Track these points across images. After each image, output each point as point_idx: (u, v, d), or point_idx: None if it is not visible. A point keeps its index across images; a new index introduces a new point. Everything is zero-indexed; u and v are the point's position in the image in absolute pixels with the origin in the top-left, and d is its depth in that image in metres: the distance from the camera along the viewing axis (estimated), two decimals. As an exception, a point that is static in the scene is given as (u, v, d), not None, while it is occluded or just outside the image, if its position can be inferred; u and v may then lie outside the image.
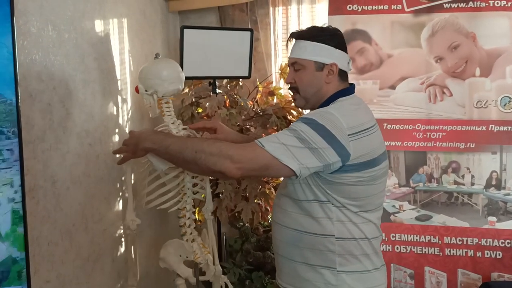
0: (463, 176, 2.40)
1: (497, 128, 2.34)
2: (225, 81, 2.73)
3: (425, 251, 2.40)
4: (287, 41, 1.53)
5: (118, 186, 2.06)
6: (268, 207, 2.65)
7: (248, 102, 2.67)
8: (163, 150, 1.42)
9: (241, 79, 2.71)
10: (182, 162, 1.44)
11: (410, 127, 2.41)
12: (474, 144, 2.36)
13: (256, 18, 2.93)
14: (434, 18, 2.37)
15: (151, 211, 2.11)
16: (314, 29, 1.50)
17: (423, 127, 2.40)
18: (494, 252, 2.34)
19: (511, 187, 2.35)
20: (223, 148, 1.33)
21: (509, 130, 2.33)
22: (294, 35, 1.50)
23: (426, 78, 2.40)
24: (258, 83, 2.84)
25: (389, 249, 2.42)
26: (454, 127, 2.38)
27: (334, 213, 1.38)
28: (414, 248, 2.41)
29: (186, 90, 2.64)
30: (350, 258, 1.40)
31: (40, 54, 1.51)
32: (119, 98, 2.09)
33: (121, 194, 2.08)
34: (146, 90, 1.82)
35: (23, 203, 1.17)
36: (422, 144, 2.41)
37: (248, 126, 2.67)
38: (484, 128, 2.35)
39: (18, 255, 1.17)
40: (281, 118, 2.60)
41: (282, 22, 2.95)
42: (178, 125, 1.81)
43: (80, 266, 1.75)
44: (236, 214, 2.63)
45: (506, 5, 2.30)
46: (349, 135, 1.31)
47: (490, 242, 2.34)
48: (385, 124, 2.40)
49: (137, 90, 1.87)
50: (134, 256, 1.94)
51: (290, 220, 1.45)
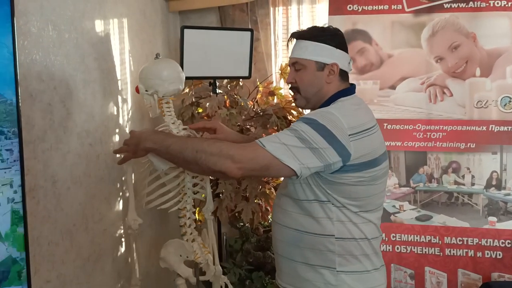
0: (464, 176, 2.40)
1: (497, 128, 2.34)
2: (225, 81, 2.73)
3: (425, 251, 2.40)
4: (288, 41, 1.53)
5: (119, 186, 2.06)
6: (268, 207, 2.64)
7: (248, 102, 2.67)
8: (164, 150, 1.42)
9: (241, 79, 2.71)
10: (182, 162, 1.44)
11: (410, 127, 2.41)
12: (474, 144, 2.36)
13: (256, 18, 2.93)
14: (435, 18, 2.37)
15: (152, 211, 2.11)
16: (315, 29, 1.50)
17: (423, 127, 2.40)
18: (495, 252, 2.34)
19: (511, 187, 2.35)
20: (224, 148, 1.33)
21: (509, 130, 2.33)
22: (295, 35, 1.50)
23: (427, 78, 2.40)
24: (258, 83, 2.84)
25: (389, 249, 2.42)
26: (455, 127, 2.38)
27: (334, 213, 1.38)
28: (414, 248, 2.40)
29: (187, 90, 2.64)
30: (350, 258, 1.40)
31: (40, 54, 1.51)
32: (120, 98, 2.09)
33: (121, 194, 2.08)
34: (146, 90, 1.82)
35: (24, 203, 1.17)
36: (422, 144, 2.40)
37: (248, 126, 2.67)
38: (484, 128, 2.35)
39: (18, 255, 1.17)
40: (281, 118, 2.60)
41: (282, 22, 2.95)
42: (179, 125, 1.81)
43: (80, 266, 1.75)
44: (236, 214, 2.63)
45: (506, 5, 2.30)
46: (350, 135, 1.31)
47: (490, 242, 2.34)
48: (385, 124, 2.40)
49: (137, 90, 1.88)
50: (134, 256, 1.94)
51: (290, 220, 1.45)
